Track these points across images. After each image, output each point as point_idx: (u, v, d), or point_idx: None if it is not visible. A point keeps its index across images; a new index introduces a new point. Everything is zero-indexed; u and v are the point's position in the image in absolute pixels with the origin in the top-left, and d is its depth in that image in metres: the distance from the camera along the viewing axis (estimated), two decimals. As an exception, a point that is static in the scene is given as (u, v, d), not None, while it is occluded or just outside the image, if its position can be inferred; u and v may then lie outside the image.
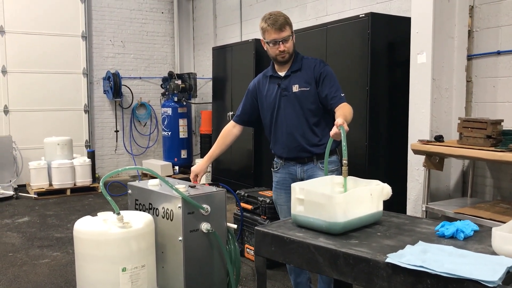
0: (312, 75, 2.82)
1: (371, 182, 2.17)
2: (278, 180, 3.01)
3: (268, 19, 2.74)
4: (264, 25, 2.75)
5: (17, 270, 4.13)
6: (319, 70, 2.82)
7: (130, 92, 8.84)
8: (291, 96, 2.84)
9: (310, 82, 2.82)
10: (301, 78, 2.84)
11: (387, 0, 5.23)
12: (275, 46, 2.77)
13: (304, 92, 2.82)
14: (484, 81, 4.17)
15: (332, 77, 2.82)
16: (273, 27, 2.72)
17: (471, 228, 1.90)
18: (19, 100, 7.84)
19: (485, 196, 4.18)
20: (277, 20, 2.72)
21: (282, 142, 2.91)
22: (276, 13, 2.78)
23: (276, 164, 3.02)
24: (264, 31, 2.77)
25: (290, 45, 2.79)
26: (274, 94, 2.90)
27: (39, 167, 7.05)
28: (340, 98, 2.75)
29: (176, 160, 8.42)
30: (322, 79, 2.80)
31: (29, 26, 7.86)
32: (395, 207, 2.87)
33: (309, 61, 2.89)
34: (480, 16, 4.16)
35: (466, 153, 3.48)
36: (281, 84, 2.87)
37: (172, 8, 9.25)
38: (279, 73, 2.91)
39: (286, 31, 2.75)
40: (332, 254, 1.77)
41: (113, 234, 2.60)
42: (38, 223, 5.64)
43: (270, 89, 2.92)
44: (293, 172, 2.92)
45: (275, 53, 2.80)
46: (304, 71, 2.84)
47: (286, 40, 2.76)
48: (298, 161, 2.89)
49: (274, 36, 2.74)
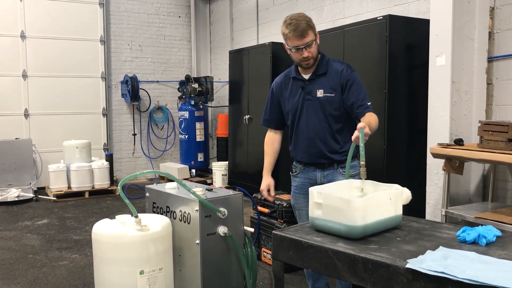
0: (338, 81, 2.73)
1: (390, 186, 2.14)
2: (297, 185, 2.95)
3: (289, 24, 2.62)
4: (286, 31, 2.64)
5: (36, 272, 4.18)
6: (346, 76, 2.72)
7: (148, 95, 8.91)
8: (314, 101, 2.76)
9: (336, 88, 2.73)
10: (327, 83, 2.74)
11: (405, 2, 5.19)
12: (298, 52, 2.67)
13: (328, 98, 2.73)
14: (506, 84, 4.10)
15: (359, 84, 2.73)
16: (294, 33, 2.61)
17: (494, 233, 1.86)
18: (39, 103, 7.97)
19: (506, 200, 4.10)
20: (299, 25, 2.60)
21: (302, 146, 2.85)
22: (297, 17, 2.64)
23: (295, 168, 2.96)
24: (286, 37, 2.67)
25: (314, 49, 2.69)
26: (297, 97, 2.81)
27: (58, 170, 7.14)
28: (366, 107, 2.67)
29: (193, 163, 8.46)
30: (348, 86, 2.71)
31: (48, 31, 7.99)
32: (414, 212, 2.83)
33: (336, 65, 2.78)
34: (501, 18, 4.09)
35: (487, 156, 3.42)
36: (305, 88, 2.79)
37: (189, 12, 9.31)
38: (303, 76, 2.82)
39: (308, 36, 2.63)
40: (351, 259, 1.75)
41: (131, 237, 2.62)
42: (57, 225, 5.71)
43: (293, 91, 2.84)
44: (313, 177, 2.86)
45: (299, 58, 2.70)
46: (330, 76, 2.75)
47: (309, 45, 2.65)
48: (318, 166, 2.83)
49: (297, 43, 2.63)
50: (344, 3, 6.02)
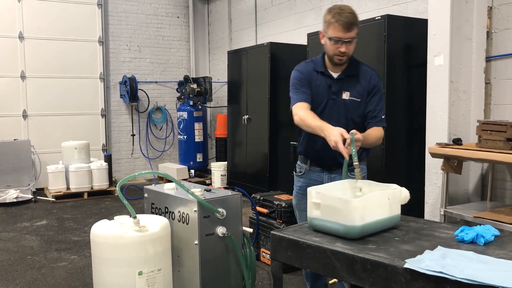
0: (366, 87, 2.64)
1: (388, 186, 2.14)
2: (301, 185, 2.83)
3: (337, 13, 2.47)
4: (332, 20, 2.48)
5: (35, 273, 4.18)
6: (374, 83, 2.65)
7: (146, 96, 8.91)
8: (339, 102, 2.64)
9: (363, 94, 2.64)
10: (355, 87, 2.64)
11: (404, 2, 5.19)
12: (336, 45, 2.52)
13: (354, 102, 2.63)
14: (504, 83, 4.10)
15: (381, 95, 2.67)
16: (340, 24, 2.45)
17: (492, 233, 1.86)
18: (37, 104, 7.96)
19: (505, 200, 4.10)
20: (348, 17, 2.46)
21: (316, 145, 2.69)
22: (347, 8, 2.50)
23: (300, 168, 2.85)
24: (329, 25, 2.50)
25: (352, 47, 2.56)
26: (322, 95, 2.66)
27: (57, 171, 7.14)
28: (379, 120, 2.62)
29: (192, 164, 8.45)
30: (373, 94, 2.64)
31: (47, 32, 7.98)
32: (413, 211, 2.83)
33: (367, 70, 2.69)
34: (499, 17, 4.09)
35: (485, 156, 3.42)
36: (332, 87, 2.65)
37: (188, 12, 9.31)
38: (331, 73, 2.67)
39: (353, 32, 2.49)
40: (349, 259, 1.75)
41: (130, 238, 2.61)
42: (56, 226, 5.70)
43: (320, 86, 2.67)
44: (319, 178, 2.76)
45: (334, 52, 2.55)
46: (360, 80, 2.65)
47: (350, 42, 2.52)
48: (326, 168, 2.74)
49: (340, 35, 2.48)
50: (343, 3, 6.01)
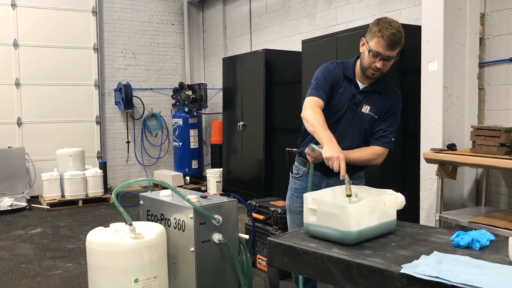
0: (385, 105, 2.64)
1: (384, 191, 2.15)
2: (297, 188, 2.82)
3: (386, 29, 2.43)
4: (378, 32, 2.44)
5: (30, 281, 4.15)
6: (392, 103, 2.65)
7: (141, 103, 8.90)
8: (357, 114, 2.62)
9: (381, 112, 2.63)
10: (376, 103, 2.63)
11: (397, 8, 5.23)
12: (374, 58, 2.48)
13: (371, 118, 2.63)
14: (497, 89, 4.13)
15: (397, 117, 2.65)
16: (386, 40, 2.41)
17: (487, 237, 1.87)
18: (32, 112, 7.93)
19: (499, 205, 4.12)
20: (395, 35, 2.42)
21: None
22: (396, 26, 2.46)
23: (298, 170, 2.83)
24: (373, 36, 2.47)
25: (389, 66, 2.54)
26: (343, 102, 2.63)
27: (51, 178, 7.10)
28: (387, 142, 2.61)
29: (187, 171, 8.44)
30: (390, 113, 2.64)
31: (41, 39, 7.97)
32: (408, 217, 2.84)
33: (391, 90, 2.68)
34: (492, 24, 4.13)
35: (479, 161, 3.44)
36: (355, 97, 2.62)
37: (182, 19, 9.33)
38: (358, 82, 2.64)
39: (395, 51, 2.47)
40: (345, 265, 1.75)
41: (125, 245, 2.61)
42: (50, 234, 5.67)
43: (344, 93, 2.63)
44: (316, 182, 2.74)
45: (370, 65, 2.51)
46: (383, 98, 2.64)
47: (388, 60, 2.49)
48: (325, 173, 2.71)
49: (381, 50, 2.44)
50: (337, 10, 6.06)
